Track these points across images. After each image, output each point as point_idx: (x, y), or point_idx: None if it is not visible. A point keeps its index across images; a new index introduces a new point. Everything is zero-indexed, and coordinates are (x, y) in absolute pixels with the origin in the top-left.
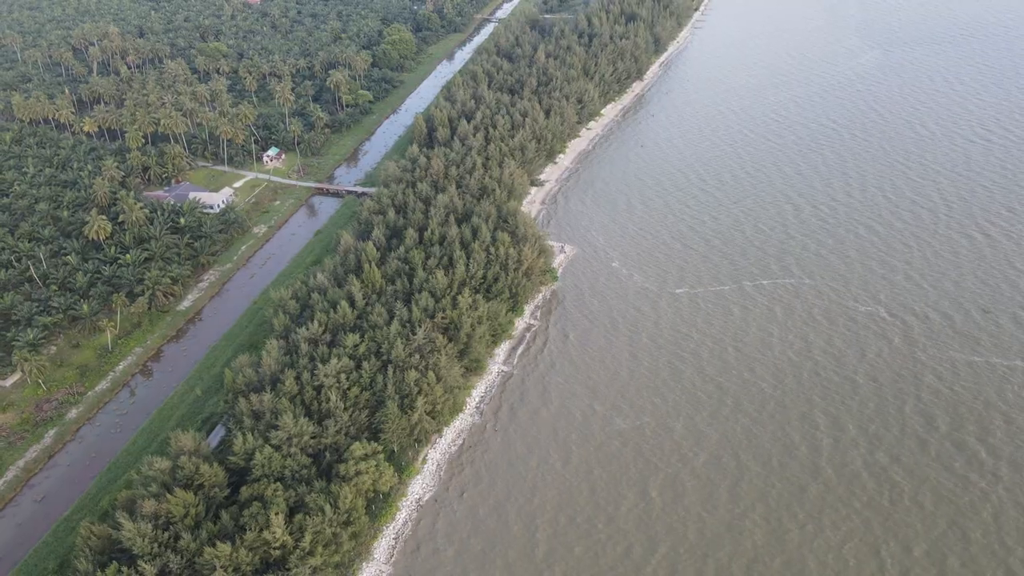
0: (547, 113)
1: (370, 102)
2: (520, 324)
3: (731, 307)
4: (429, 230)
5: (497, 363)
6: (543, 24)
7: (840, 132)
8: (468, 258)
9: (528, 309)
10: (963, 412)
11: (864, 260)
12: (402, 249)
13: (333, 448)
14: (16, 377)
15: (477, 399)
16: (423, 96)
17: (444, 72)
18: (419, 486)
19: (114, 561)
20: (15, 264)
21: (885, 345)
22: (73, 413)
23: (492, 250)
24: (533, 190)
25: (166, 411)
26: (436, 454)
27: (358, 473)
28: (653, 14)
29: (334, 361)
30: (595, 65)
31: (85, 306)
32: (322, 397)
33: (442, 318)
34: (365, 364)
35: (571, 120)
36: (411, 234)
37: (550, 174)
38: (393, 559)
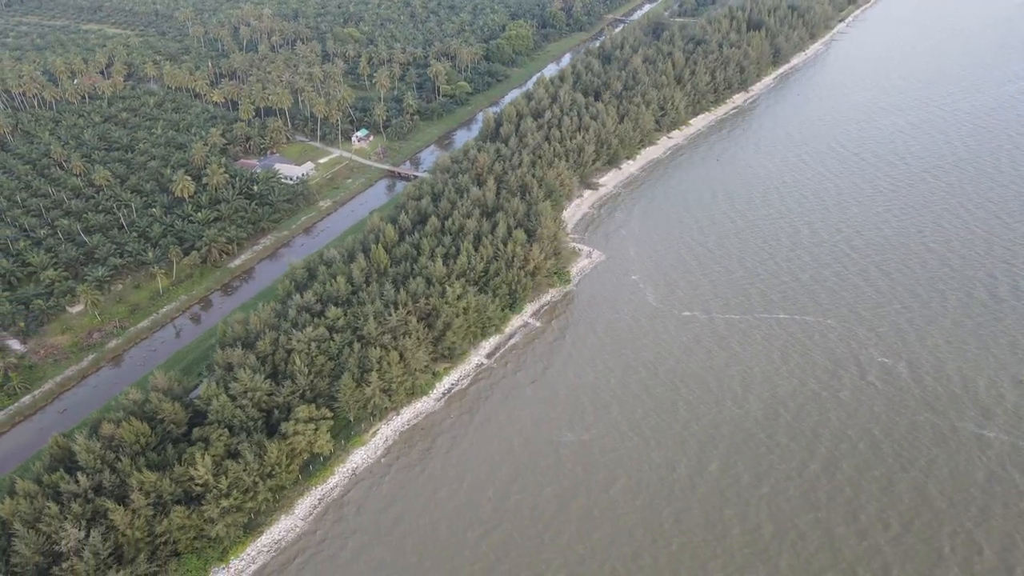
0: (621, 118)
1: (468, 93)
2: (517, 322)
3: (731, 337)
4: (451, 220)
5: (480, 355)
6: (664, 27)
7: (956, 170)
8: (476, 250)
9: (530, 308)
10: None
11: (906, 313)
12: (417, 235)
13: (285, 407)
14: (80, 307)
15: (447, 386)
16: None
17: (554, 70)
18: (360, 456)
19: (61, 469)
20: (114, 211)
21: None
22: (112, 343)
23: (501, 246)
24: (587, 193)
25: (183, 353)
26: (388, 430)
27: (295, 433)
28: (784, 23)
29: (309, 329)
30: (691, 73)
31: (150, 253)
32: (290, 360)
33: (424, 304)
34: (338, 336)
35: (647, 127)
36: (433, 222)
37: (611, 179)
38: (311, 517)
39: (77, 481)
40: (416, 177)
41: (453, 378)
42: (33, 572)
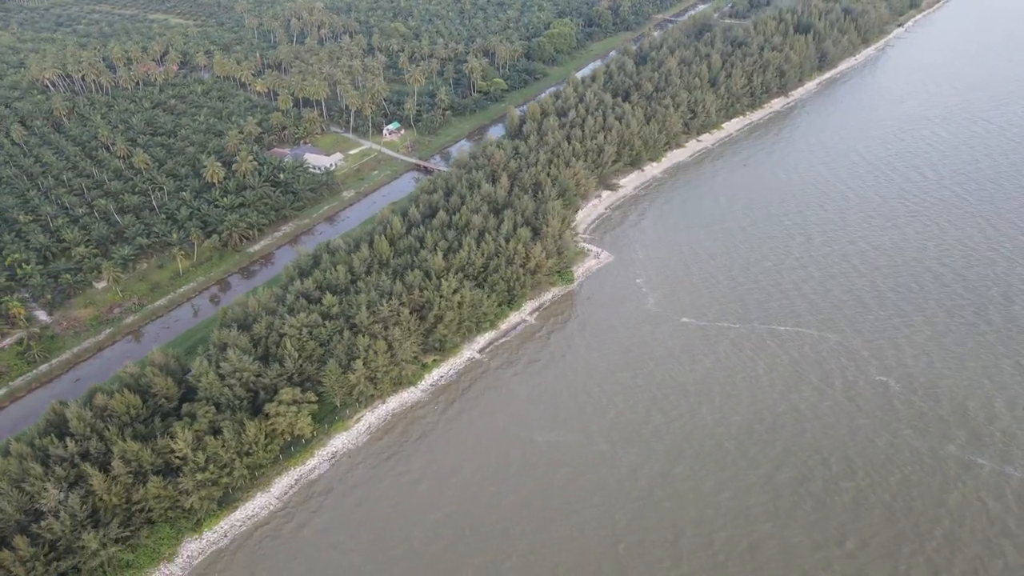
0: (648, 120)
1: (504, 90)
2: (515, 318)
3: (723, 346)
4: (459, 215)
5: (473, 350)
6: (708, 29)
7: (993, 184)
8: (477, 245)
9: (530, 306)
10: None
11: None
12: (422, 228)
13: (272, 389)
14: (105, 283)
15: (436, 377)
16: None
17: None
18: (341, 441)
19: (52, 434)
20: (148, 193)
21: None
22: (130, 319)
23: (503, 243)
24: (605, 193)
25: (194, 331)
26: (372, 417)
27: (277, 414)
28: (834, 27)
29: (302, 315)
30: (726, 76)
31: (175, 235)
32: (281, 344)
33: (419, 296)
34: (330, 323)
35: (673, 129)
36: (441, 216)
37: (632, 180)
38: (286, 496)
39: (65, 446)
40: (438, 171)
41: (443, 370)
42: (14, 528)
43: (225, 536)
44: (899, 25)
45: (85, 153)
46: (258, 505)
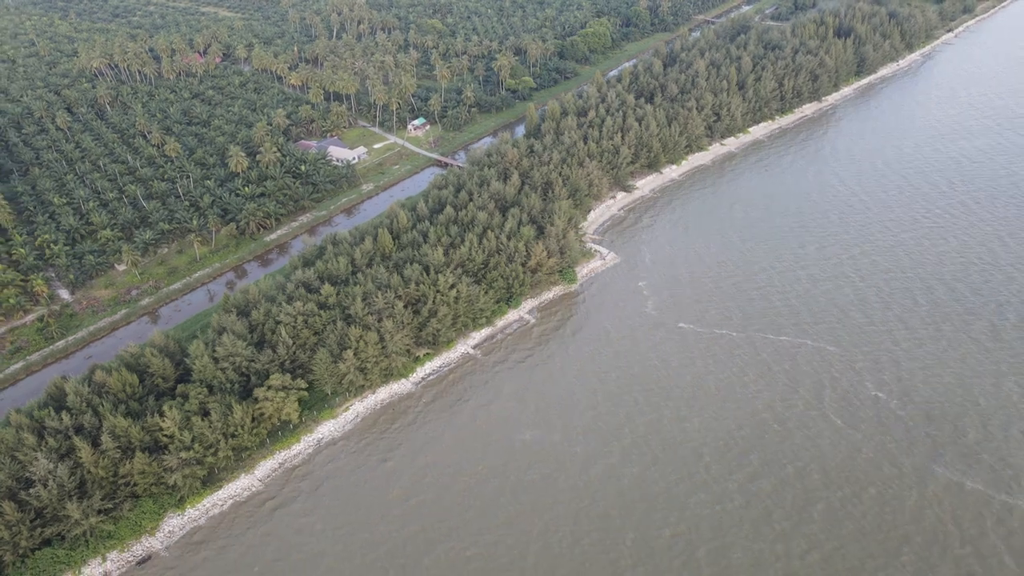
0: (669, 122)
1: (532, 89)
2: (512, 316)
3: (717, 353)
4: (465, 211)
5: (468, 345)
6: (745, 30)
7: (1017, 201)
8: (479, 242)
9: (529, 304)
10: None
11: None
12: (427, 223)
13: (263, 374)
14: (125, 266)
15: (429, 371)
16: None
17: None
18: (328, 428)
19: (51, 407)
20: (175, 180)
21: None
22: (145, 301)
23: (505, 240)
24: (620, 195)
25: (203, 315)
26: (361, 407)
27: (265, 399)
28: (876, 32)
29: (299, 304)
30: (756, 79)
31: (195, 221)
32: (276, 331)
33: (415, 289)
34: (325, 313)
35: (695, 132)
36: (448, 211)
37: (649, 183)
38: (269, 479)
39: (61, 419)
40: (457, 167)
41: (436, 364)
42: (5, 494)
43: (206, 514)
44: (949, 31)
45: (123, 140)
46: (241, 486)
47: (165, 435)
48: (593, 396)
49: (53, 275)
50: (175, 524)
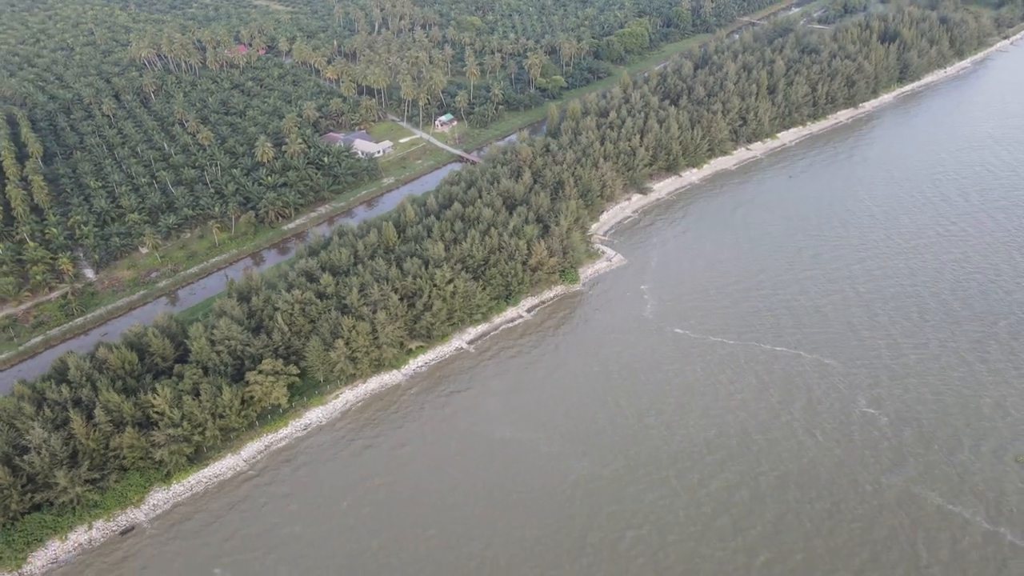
0: (692, 124)
1: (563, 88)
2: (511, 313)
3: (708, 361)
4: (472, 207)
5: (463, 340)
6: (784, 33)
7: None
8: (481, 239)
9: (529, 302)
10: None
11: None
12: (433, 218)
13: (257, 358)
14: (147, 249)
15: (420, 364)
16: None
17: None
18: (316, 414)
19: (53, 380)
20: (205, 168)
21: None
22: (163, 283)
23: (507, 238)
24: (635, 197)
25: (214, 299)
26: (351, 395)
27: (255, 382)
28: (925, 37)
29: (297, 292)
30: (787, 83)
31: (217, 208)
32: (273, 317)
33: (412, 283)
34: (322, 302)
35: (719, 136)
36: (456, 207)
37: (667, 186)
38: (254, 460)
39: (60, 392)
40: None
41: (428, 357)
42: (2, 459)
43: (191, 490)
44: (1005, 38)
45: (162, 128)
46: (226, 465)
47: (156, 412)
48: (578, 398)
49: (81, 255)
50: (160, 498)
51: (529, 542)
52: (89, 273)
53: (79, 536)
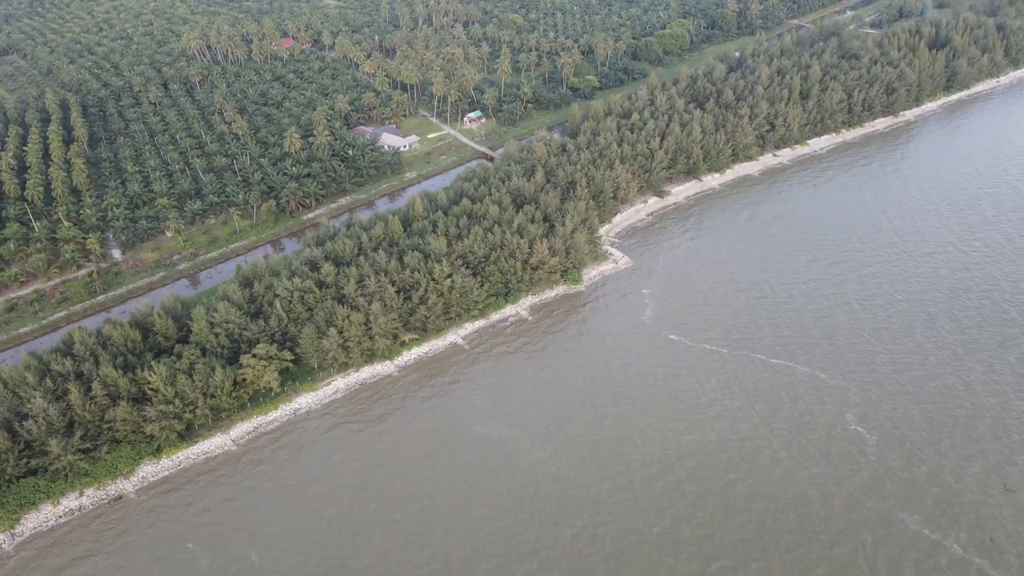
0: (716, 128)
1: (596, 88)
2: (509, 311)
3: (698, 369)
4: (481, 204)
5: (458, 335)
6: (826, 37)
7: None
8: (484, 235)
9: (529, 300)
10: None
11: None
12: (440, 213)
13: (252, 342)
14: (172, 232)
15: (413, 356)
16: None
17: None
18: (306, 400)
19: (59, 353)
20: (236, 157)
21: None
22: (183, 265)
23: (509, 236)
24: (652, 199)
25: (229, 282)
26: (342, 383)
27: (248, 365)
28: (977, 45)
29: (297, 280)
30: (822, 89)
31: (240, 196)
32: (272, 303)
33: (409, 276)
34: (321, 291)
35: (744, 141)
36: (464, 203)
37: (685, 190)
38: (241, 440)
39: (64, 364)
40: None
41: (422, 350)
42: (3, 424)
43: (179, 465)
44: None
45: (202, 117)
46: (215, 444)
47: (151, 388)
48: (560, 399)
49: (111, 236)
50: (149, 471)
51: (488, 533)
52: (116, 253)
53: (70, 502)
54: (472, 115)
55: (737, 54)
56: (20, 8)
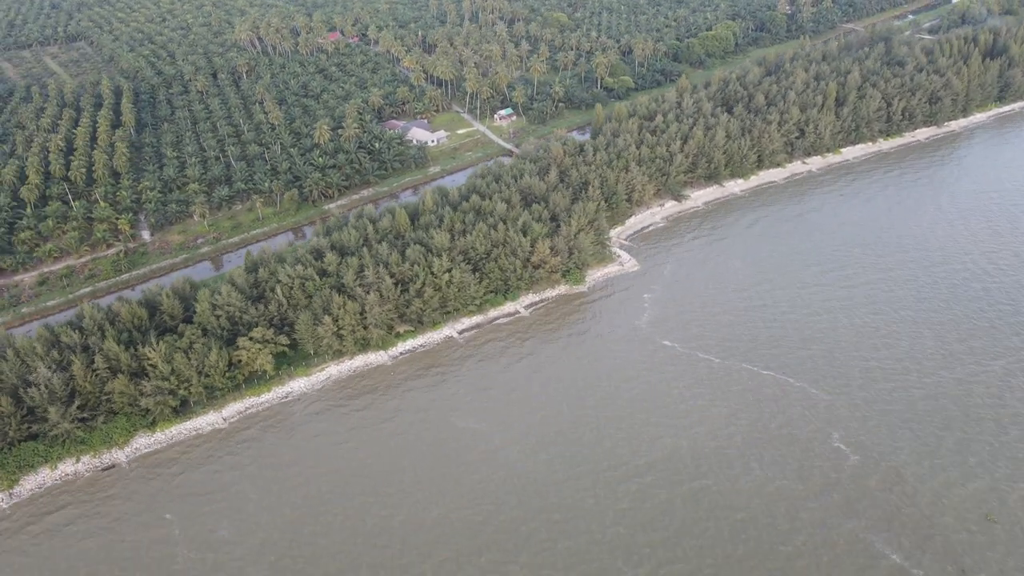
0: (743, 133)
1: (631, 89)
2: (508, 308)
3: (690, 377)
4: (489, 200)
5: (454, 329)
6: (877, 42)
7: None
8: (488, 231)
9: (528, 299)
10: None
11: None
12: (448, 208)
13: (251, 325)
14: (198, 217)
15: (407, 347)
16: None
17: None
18: (299, 384)
19: (69, 326)
20: (269, 146)
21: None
22: (205, 249)
23: (511, 234)
24: (669, 203)
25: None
26: (335, 370)
27: (243, 347)
28: None
29: (299, 267)
30: (859, 97)
31: (266, 184)
32: (275, 289)
33: (408, 269)
34: (321, 279)
35: (771, 147)
36: (474, 199)
37: (705, 195)
38: (232, 420)
39: (73, 337)
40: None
41: (417, 342)
42: (11, 390)
43: (171, 439)
44: None
45: (244, 106)
46: (207, 421)
47: (150, 364)
48: (545, 398)
49: (142, 218)
50: (142, 443)
51: (450, 523)
52: (146, 235)
53: (67, 467)
54: (503, 112)
55: (777, 58)
56: None
